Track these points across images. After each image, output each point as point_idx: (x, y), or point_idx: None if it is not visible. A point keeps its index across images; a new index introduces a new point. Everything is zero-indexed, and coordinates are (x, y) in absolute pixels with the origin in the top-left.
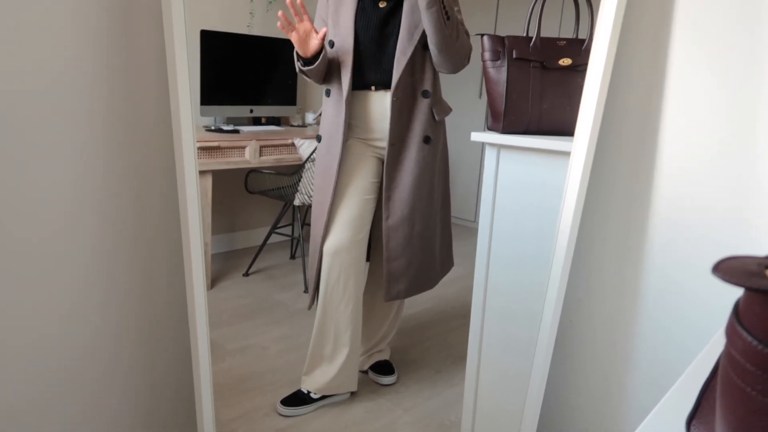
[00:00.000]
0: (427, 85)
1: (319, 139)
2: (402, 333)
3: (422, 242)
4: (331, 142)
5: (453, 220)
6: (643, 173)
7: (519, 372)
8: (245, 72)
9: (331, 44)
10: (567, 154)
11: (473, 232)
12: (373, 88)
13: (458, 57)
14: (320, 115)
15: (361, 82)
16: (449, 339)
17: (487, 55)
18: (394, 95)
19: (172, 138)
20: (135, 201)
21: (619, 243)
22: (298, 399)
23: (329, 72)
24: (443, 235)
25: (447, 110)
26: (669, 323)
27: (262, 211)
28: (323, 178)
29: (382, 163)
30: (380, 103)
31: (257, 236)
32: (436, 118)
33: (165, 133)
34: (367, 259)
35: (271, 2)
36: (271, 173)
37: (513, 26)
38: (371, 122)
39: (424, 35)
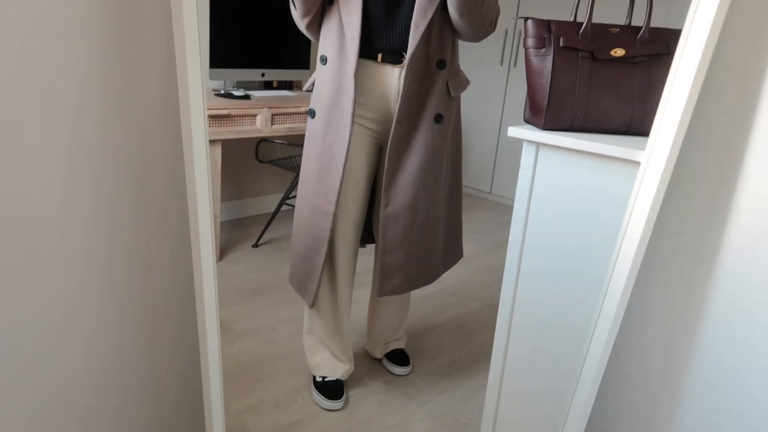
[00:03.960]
0: (444, 54)
1: (311, 114)
2: (415, 317)
3: (424, 234)
4: (330, 121)
5: (467, 191)
6: (722, 194)
7: (546, 391)
8: (257, 34)
9: (330, 0)
10: (621, 159)
11: (489, 204)
12: (379, 57)
13: (483, 23)
14: (313, 85)
15: (366, 50)
16: (465, 324)
17: (531, 41)
18: (408, 65)
19: (177, 101)
20: (136, 177)
21: (686, 264)
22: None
23: (328, 35)
24: (450, 225)
25: (464, 84)
26: (735, 360)
27: (272, 178)
28: (320, 166)
29: (377, 146)
30: (387, 76)
31: (267, 204)
32: (452, 93)
33: (170, 96)
34: (371, 242)
35: None
36: (282, 143)
37: None
38: (370, 99)
39: None
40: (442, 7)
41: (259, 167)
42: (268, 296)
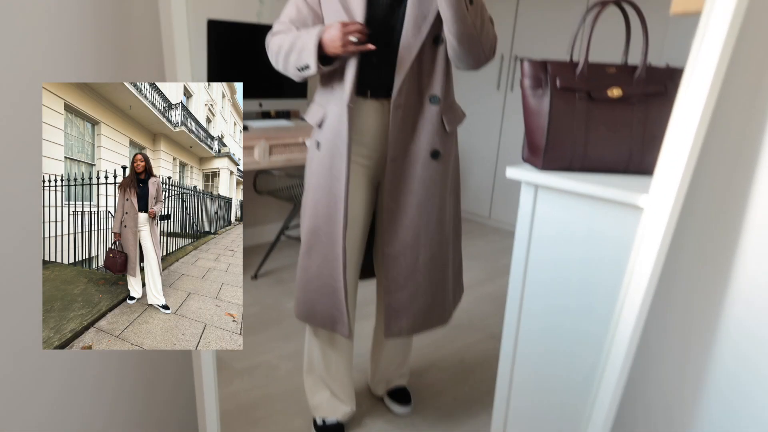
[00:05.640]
0: (436, 89)
1: (317, 145)
2: (415, 351)
3: (429, 273)
4: (335, 153)
5: (465, 215)
6: (729, 222)
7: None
8: (254, 64)
9: None
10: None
11: (487, 229)
12: (369, 93)
13: (482, 51)
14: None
15: (358, 86)
16: (466, 358)
17: (528, 82)
18: (396, 101)
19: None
20: None
21: (692, 288)
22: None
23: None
24: (454, 261)
25: (460, 118)
26: (746, 376)
27: (269, 208)
28: (328, 198)
29: (374, 182)
30: (377, 113)
31: (265, 233)
32: (447, 128)
33: None
34: (370, 277)
35: None
36: (281, 174)
37: (535, 19)
38: (363, 135)
39: (433, 27)
40: (432, 40)
41: (257, 198)
42: (268, 331)
